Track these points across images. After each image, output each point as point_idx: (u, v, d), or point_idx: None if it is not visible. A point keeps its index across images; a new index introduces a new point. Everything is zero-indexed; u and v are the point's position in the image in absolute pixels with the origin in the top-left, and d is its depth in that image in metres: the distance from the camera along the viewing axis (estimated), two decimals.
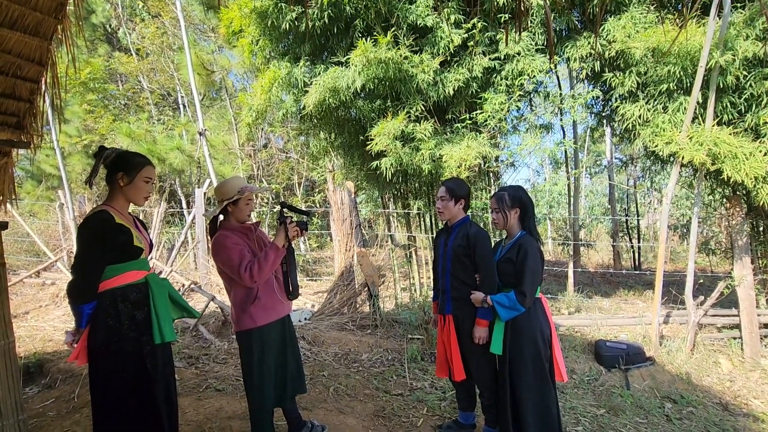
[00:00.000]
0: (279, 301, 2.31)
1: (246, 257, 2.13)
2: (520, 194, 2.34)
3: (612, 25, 4.64)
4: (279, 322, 2.31)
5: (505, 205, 2.33)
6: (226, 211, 2.27)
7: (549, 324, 2.34)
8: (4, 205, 3.27)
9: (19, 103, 3.00)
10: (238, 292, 2.23)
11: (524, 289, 2.20)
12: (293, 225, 2.24)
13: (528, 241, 2.28)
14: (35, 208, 12.14)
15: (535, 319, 2.28)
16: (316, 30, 5.05)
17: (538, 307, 2.32)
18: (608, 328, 5.14)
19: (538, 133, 5.64)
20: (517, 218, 2.35)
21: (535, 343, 2.26)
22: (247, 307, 2.20)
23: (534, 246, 2.27)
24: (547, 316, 2.36)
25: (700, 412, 3.47)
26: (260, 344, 2.22)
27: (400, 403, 3.16)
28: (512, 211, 2.33)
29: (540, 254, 2.28)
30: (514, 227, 2.36)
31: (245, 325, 2.21)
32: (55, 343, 4.69)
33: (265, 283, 2.25)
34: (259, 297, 2.21)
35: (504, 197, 2.33)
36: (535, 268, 2.22)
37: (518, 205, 2.33)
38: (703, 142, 4.16)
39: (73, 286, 1.73)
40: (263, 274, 2.12)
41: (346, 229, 5.97)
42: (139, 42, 12.40)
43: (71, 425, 2.74)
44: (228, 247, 2.15)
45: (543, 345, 2.28)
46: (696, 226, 4.76)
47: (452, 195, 2.47)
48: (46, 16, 2.75)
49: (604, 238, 13.44)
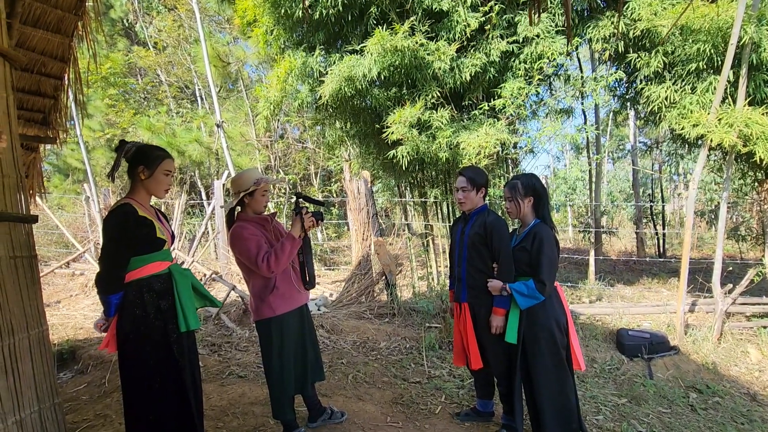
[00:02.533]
0: (296, 290, 2.34)
1: (263, 248, 2.16)
2: (533, 182, 2.31)
3: (637, 2, 4.44)
4: (297, 310, 2.34)
5: (518, 193, 2.30)
6: (243, 202, 2.31)
7: (565, 312, 2.31)
8: (34, 198, 3.39)
9: (44, 100, 3.09)
10: (256, 282, 2.27)
11: (543, 278, 2.18)
12: (309, 215, 2.26)
13: (543, 229, 2.25)
14: (63, 201, 12.57)
15: (550, 308, 2.26)
16: (330, 18, 5.00)
17: (554, 295, 2.29)
18: (631, 316, 5.04)
19: (559, 118, 5.50)
20: (530, 207, 2.32)
21: (551, 331, 2.24)
22: (266, 297, 2.24)
23: (549, 234, 2.24)
24: (563, 304, 2.33)
25: (726, 403, 3.39)
26: (279, 333, 2.26)
27: (418, 390, 3.18)
28: (526, 199, 2.30)
29: (555, 242, 2.26)
30: (528, 216, 2.34)
31: (264, 314, 2.25)
32: (86, 331, 4.88)
33: (283, 273, 2.28)
34: (276, 287, 2.24)
35: (517, 186, 2.31)
36: (551, 256, 2.20)
37: (531, 193, 2.30)
38: (733, 123, 3.98)
39: (101, 277, 1.79)
40: (280, 264, 2.14)
41: (363, 218, 5.98)
42: (156, 35, 12.54)
43: (103, 408, 2.86)
44: (245, 237, 2.17)
45: (559, 333, 2.26)
46: (725, 211, 4.59)
47: (473, 184, 2.44)
48: (66, 13, 2.81)
49: (626, 225, 13.11)
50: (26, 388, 1.82)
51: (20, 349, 1.81)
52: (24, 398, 1.80)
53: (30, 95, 3.00)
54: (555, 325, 2.25)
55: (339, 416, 2.59)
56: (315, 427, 2.54)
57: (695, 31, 4.09)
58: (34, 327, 1.90)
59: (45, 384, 1.91)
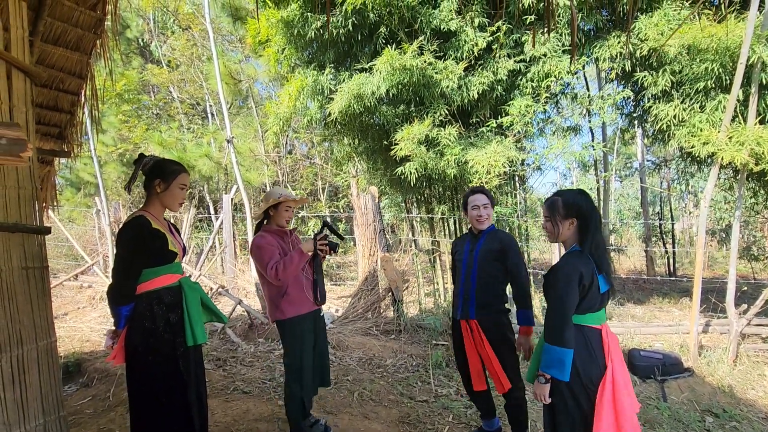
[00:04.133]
0: (307, 298, 2.50)
1: (275, 257, 2.35)
2: (578, 201, 1.83)
3: (644, 22, 4.49)
4: (310, 315, 2.49)
5: (557, 213, 1.85)
6: (269, 215, 2.54)
7: (595, 361, 1.74)
8: (47, 211, 3.44)
9: (61, 115, 3.17)
10: (270, 288, 2.45)
11: (548, 323, 1.77)
12: (324, 241, 2.44)
13: (566, 263, 1.79)
14: (74, 214, 12.75)
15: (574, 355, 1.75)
16: (340, 37, 5.11)
17: (580, 340, 1.75)
18: (642, 336, 4.93)
19: (566, 135, 5.50)
20: (573, 230, 1.85)
21: (569, 386, 1.74)
22: (278, 303, 2.42)
23: (568, 270, 1.74)
24: (603, 352, 1.77)
25: (744, 428, 3.27)
26: (294, 332, 2.42)
27: (425, 409, 3.12)
28: (566, 221, 1.84)
29: (578, 276, 1.72)
30: (570, 240, 1.87)
31: (276, 317, 2.45)
32: (92, 344, 4.88)
33: (295, 280, 2.44)
34: (288, 293, 2.42)
35: (557, 204, 1.85)
36: (562, 296, 1.72)
37: (574, 214, 1.82)
38: (744, 141, 3.96)
39: (113, 288, 1.80)
40: (287, 274, 2.31)
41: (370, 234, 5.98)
42: (170, 54, 12.88)
43: (107, 423, 2.84)
44: (262, 246, 2.38)
45: (576, 382, 1.73)
46: (738, 230, 4.52)
47: (492, 203, 2.52)
48: (86, 32, 2.91)
49: (635, 243, 12.96)
50: (32, 400, 1.81)
51: (28, 360, 1.81)
52: (30, 410, 1.79)
53: (47, 110, 3.08)
54: (575, 378, 1.73)
55: (321, 429, 2.64)
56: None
57: (703, 51, 4.11)
58: (43, 338, 1.90)
59: (51, 396, 1.90)
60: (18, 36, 1.99)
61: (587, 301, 1.77)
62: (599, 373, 1.72)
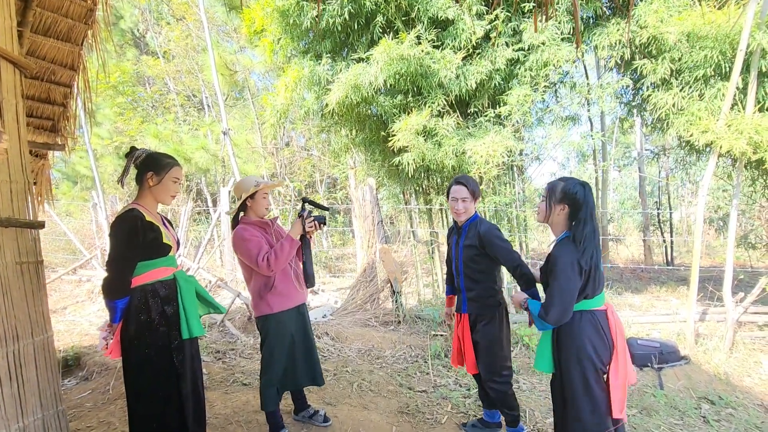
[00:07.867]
0: (294, 289, 2.45)
1: (264, 248, 2.27)
2: (575, 191, 1.86)
3: (643, 9, 4.44)
4: (295, 309, 2.45)
5: (553, 196, 1.90)
6: (246, 206, 2.44)
7: (606, 343, 1.85)
8: (42, 205, 3.42)
9: (54, 107, 3.12)
10: (256, 281, 2.39)
11: (547, 307, 1.84)
12: (311, 219, 2.36)
13: (562, 252, 1.84)
14: (71, 208, 12.69)
15: (578, 337, 1.85)
16: (336, 27, 5.04)
17: (586, 321, 1.85)
18: (639, 325, 4.96)
19: (564, 125, 5.47)
20: (564, 216, 1.91)
21: (579, 364, 1.84)
22: (265, 295, 2.37)
23: (567, 259, 1.81)
24: (610, 332, 1.87)
25: (740, 414, 3.30)
26: (275, 329, 2.38)
27: (424, 399, 3.14)
28: (558, 206, 1.89)
29: (577, 267, 1.80)
30: (559, 226, 1.94)
31: (262, 311, 2.39)
32: (91, 338, 4.89)
33: (282, 273, 2.40)
34: (275, 286, 2.37)
35: (556, 188, 1.90)
36: (565, 286, 1.79)
37: (568, 201, 1.87)
38: (743, 130, 3.94)
39: (108, 281, 1.79)
40: (279, 264, 2.25)
41: (368, 225, 5.97)
42: (165, 45, 12.73)
43: (106, 416, 2.85)
44: (246, 239, 2.29)
45: (590, 367, 1.83)
46: (735, 219, 4.52)
47: (474, 195, 2.39)
48: (77, 23, 2.85)
49: (633, 233, 12.99)
50: (30, 395, 1.81)
51: (25, 355, 1.81)
52: (28, 405, 1.79)
53: (40, 103, 3.04)
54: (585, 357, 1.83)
55: (320, 419, 2.64)
56: (297, 420, 2.68)
57: (702, 38, 4.07)
58: (39, 333, 1.89)
59: (49, 390, 1.90)
60: (6, 26, 1.95)
61: (592, 284, 1.85)
62: (609, 354, 1.86)
